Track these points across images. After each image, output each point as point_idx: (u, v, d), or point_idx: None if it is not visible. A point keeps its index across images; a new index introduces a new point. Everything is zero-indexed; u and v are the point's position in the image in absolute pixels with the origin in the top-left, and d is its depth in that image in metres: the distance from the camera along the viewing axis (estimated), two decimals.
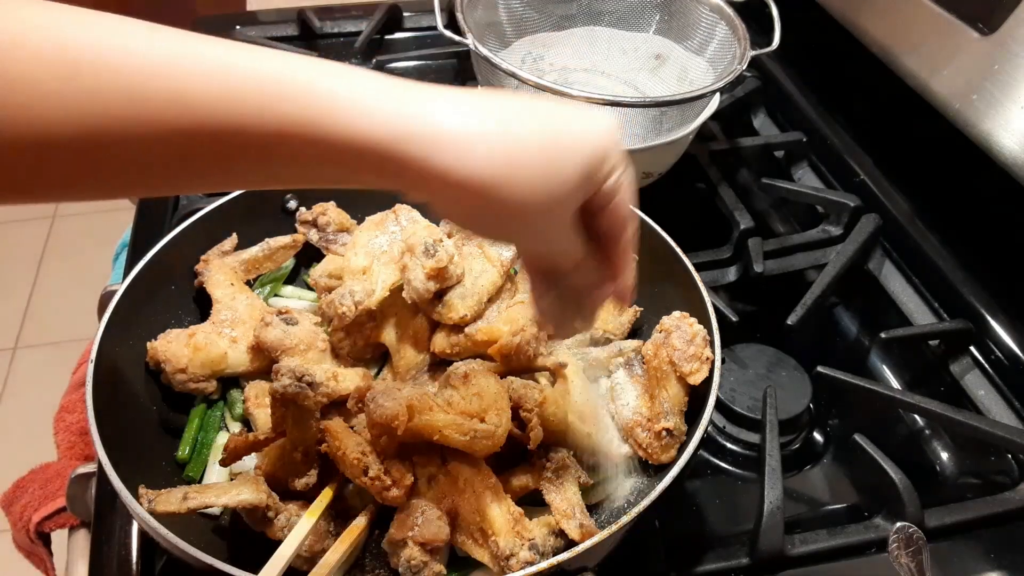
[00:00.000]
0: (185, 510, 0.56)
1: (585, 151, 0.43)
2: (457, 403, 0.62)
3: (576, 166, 0.43)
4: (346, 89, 0.40)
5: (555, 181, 0.42)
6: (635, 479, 0.68)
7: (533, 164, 0.42)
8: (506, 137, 0.41)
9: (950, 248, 0.90)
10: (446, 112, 0.41)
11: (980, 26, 0.84)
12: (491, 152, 0.41)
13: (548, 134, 0.42)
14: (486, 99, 0.42)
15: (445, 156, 0.40)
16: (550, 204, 0.43)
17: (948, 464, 0.77)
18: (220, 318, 0.71)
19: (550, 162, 0.42)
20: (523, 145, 0.42)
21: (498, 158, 0.41)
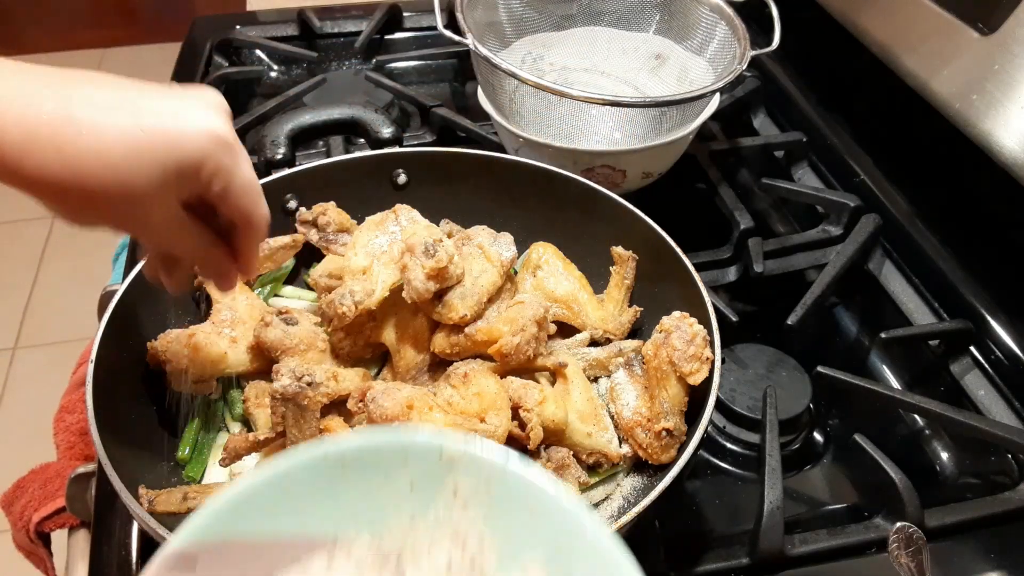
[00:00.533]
0: (185, 510, 0.57)
1: (176, 154, 0.45)
2: (457, 403, 0.62)
3: (160, 169, 0.45)
4: None
5: (139, 183, 0.44)
6: (635, 479, 0.68)
7: (127, 165, 0.43)
8: (102, 138, 0.43)
9: (950, 248, 0.90)
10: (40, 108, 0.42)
11: (980, 26, 0.84)
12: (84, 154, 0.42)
13: (144, 136, 0.44)
14: (79, 90, 0.43)
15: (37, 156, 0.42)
16: (135, 201, 0.45)
17: (948, 464, 0.77)
18: (220, 318, 0.71)
19: (135, 164, 0.44)
20: (116, 146, 0.43)
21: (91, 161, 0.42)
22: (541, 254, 0.79)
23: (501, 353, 0.66)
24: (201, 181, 0.47)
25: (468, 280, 0.69)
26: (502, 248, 0.73)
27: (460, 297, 0.68)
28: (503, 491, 0.38)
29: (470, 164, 0.83)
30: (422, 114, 1.12)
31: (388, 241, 0.73)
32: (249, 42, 1.29)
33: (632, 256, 0.76)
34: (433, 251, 0.66)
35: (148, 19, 3.47)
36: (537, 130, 0.94)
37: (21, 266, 2.48)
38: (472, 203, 0.83)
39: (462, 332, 0.68)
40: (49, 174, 0.42)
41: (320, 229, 0.79)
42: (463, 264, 0.70)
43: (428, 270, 0.66)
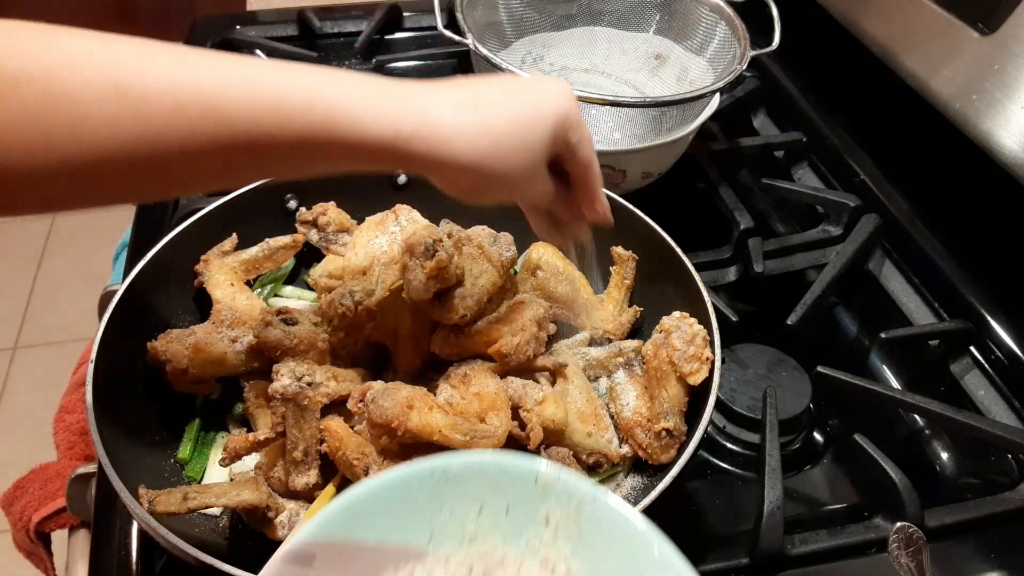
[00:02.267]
0: (185, 510, 0.56)
1: (548, 121, 0.53)
2: (457, 403, 0.62)
3: (543, 134, 0.52)
4: (356, 97, 0.48)
5: (528, 151, 0.52)
6: (635, 479, 0.68)
7: (510, 141, 0.51)
8: (488, 125, 0.50)
9: (950, 248, 0.90)
10: (440, 110, 0.49)
11: (980, 26, 0.84)
12: (477, 139, 0.50)
13: (519, 113, 0.52)
14: (468, 91, 0.51)
15: (441, 147, 0.49)
16: (526, 168, 0.53)
17: (948, 464, 0.77)
18: (220, 318, 0.71)
19: (523, 136, 0.52)
20: (501, 128, 0.51)
21: (482, 143, 0.50)
22: (541, 254, 0.79)
23: (501, 353, 0.66)
24: (565, 136, 0.54)
25: (468, 280, 0.69)
26: (502, 248, 0.73)
27: (460, 297, 0.68)
28: (592, 521, 0.40)
29: None
30: None
31: (388, 241, 0.73)
32: (249, 42, 1.29)
33: (632, 256, 0.76)
34: (433, 251, 0.66)
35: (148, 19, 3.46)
36: None
37: (21, 266, 2.48)
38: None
39: (462, 332, 0.68)
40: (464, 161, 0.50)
41: (320, 229, 0.79)
42: (463, 264, 0.70)
43: (428, 270, 0.66)
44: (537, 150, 0.53)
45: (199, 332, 0.70)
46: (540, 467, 0.40)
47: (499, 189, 0.54)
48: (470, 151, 0.50)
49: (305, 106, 0.46)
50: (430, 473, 0.40)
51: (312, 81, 0.47)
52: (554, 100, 0.54)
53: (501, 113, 0.51)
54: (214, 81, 0.44)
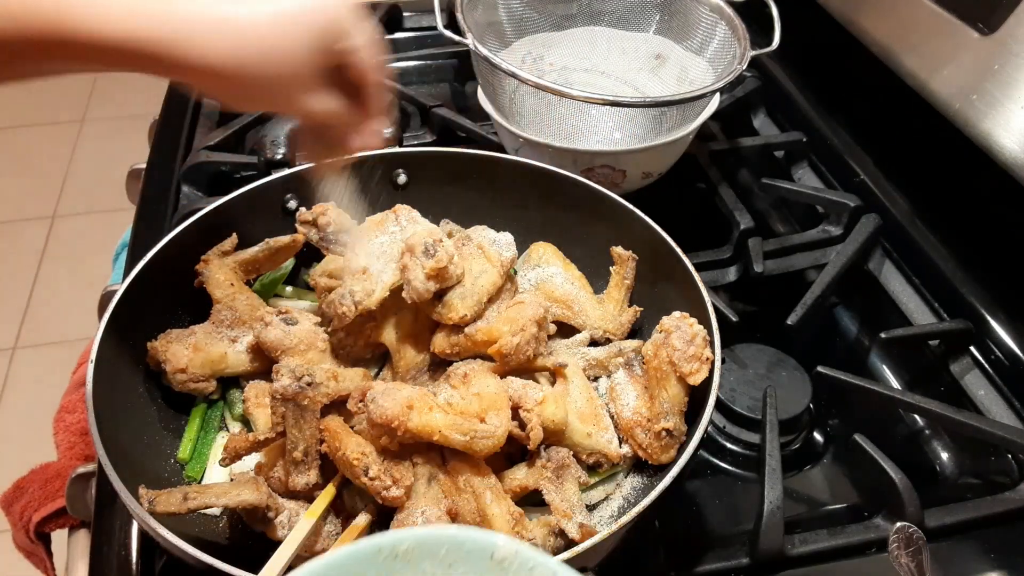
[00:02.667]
0: (185, 510, 0.56)
1: (316, 29, 0.51)
2: (457, 403, 0.62)
3: (311, 43, 0.51)
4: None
5: (296, 59, 0.50)
6: (635, 479, 0.68)
7: (271, 44, 0.49)
8: (244, 26, 0.49)
9: (950, 248, 0.90)
10: (188, 7, 0.47)
11: (980, 26, 0.84)
12: (229, 41, 0.48)
13: (287, 18, 0.50)
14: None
15: (188, 50, 0.47)
16: (293, 77, 0.51)
17: (948, 464, 0.77)
18: (220, 318, 0.71)
19: (291, 44, 0.50)
20: (260, 30, 0.49)
21: (237, 45, 0.48)
22: (541, 254, 0.79)
23: (501, 353, 0.66)
24: (340, 44, 0.52)
25: (468, 280, 0.69)
26: (502, 248, 0.73)
27: (460, 297, 0.68)
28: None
29: (470, 164, 0.83)
30: (422, 114, 1.12)
31: (388, 241, 0.73)
32: None
33: (632, 256, 0.76)
34: (433, 251, 0.66)
35: None
36: (537, 130, 0.94)
37: (21, 266, 2.48)
38: (472, 203, 0.83)
39: (462, 332, 0.68)
40: (218, 63, 0.48)
41: (320, 229, 0.79)
42: (463, 264, 0.70)
43: (428, 270, 0.66)
44: (301, 55, 0.51)
45: (199, 332, 0.70)
46: (497, 541, 0.38)
47: (261, 97, 0.52)
48: (224, 54, 0.48)
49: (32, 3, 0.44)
50: (377, 551, 0.38)
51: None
52: (328, 6, 0.52)
53: (260, 13, 0.49)
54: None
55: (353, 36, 0.53)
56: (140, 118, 1.38)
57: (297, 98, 0.53)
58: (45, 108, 3.04)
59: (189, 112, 1.15)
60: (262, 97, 0.52)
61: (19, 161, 2.81)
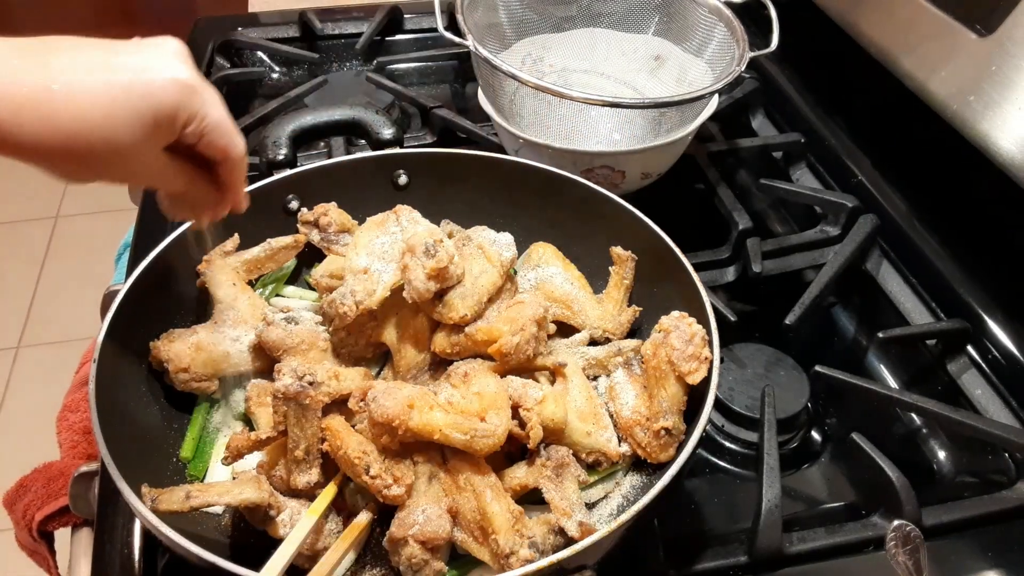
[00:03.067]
0: (187, 509, 0.57)
1: (150, 105, 0.49)
2: (457, 402, 0.62)
3: (144, 120, 0.49)
4: None
5: (128, 136, 0.48)
6: (634, 478, 0.69)
7: (106, 123, 0.47)
8: (83, 101, 0.46)
9: (947, 248, 0.90)
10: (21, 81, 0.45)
11: (978, 27, 0.84)
12: (67, 118, 0.46)
13: (119, 91, 0.48)
14: (54, 57, 0.47)
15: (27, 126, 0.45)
16: (127, 153, 0.49)
17: (945, 463, 0.77)
18: (222, 318, 0.72)
19: (123, 120, 0.48)
20: (95, 105, 0.47)
21: (74, 122, 0.46)
22: (541, 254, 0.80)
23: (501, 353, 0.66)
24: (176, 126, 0.51)
25: (468, 280, 0.70)
26: (502, 248, 0.73)
27: (460, 297, 0.69)
28: None
29: (470, 165, 0.83)
30: (423, 115, 1.13)
31: (389, 241, 0.73)
32: (251, 43, 1.29)
33: (631, 256, 0.76)
34: (434, 251, 0.67)
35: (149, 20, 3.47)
36: (537, 131, 0.94)
37: (24, 266, 2.49)
38: (472, 203, 0.83)
39: (462, 332, 0.69)
40: (42, 141, 0.46)
41: (321, 229, 0.80)
42: (463, 264, 0.70)
43: (429, 270, 0.66)
44: (133, 132, 0.49)
45: (201, 332, 0.70)
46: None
47: (97, 171, 0.50)
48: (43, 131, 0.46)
49: None
50: None
51: None
52: (161, 85, 0.49)
53: (91, 84, 0.47)
54: None
55: (194, 113, 0.51)
56: None
57: (136, 172, 0.52)
58: None
59: None
60: (98, 171, 0.50)
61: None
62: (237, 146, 0.56)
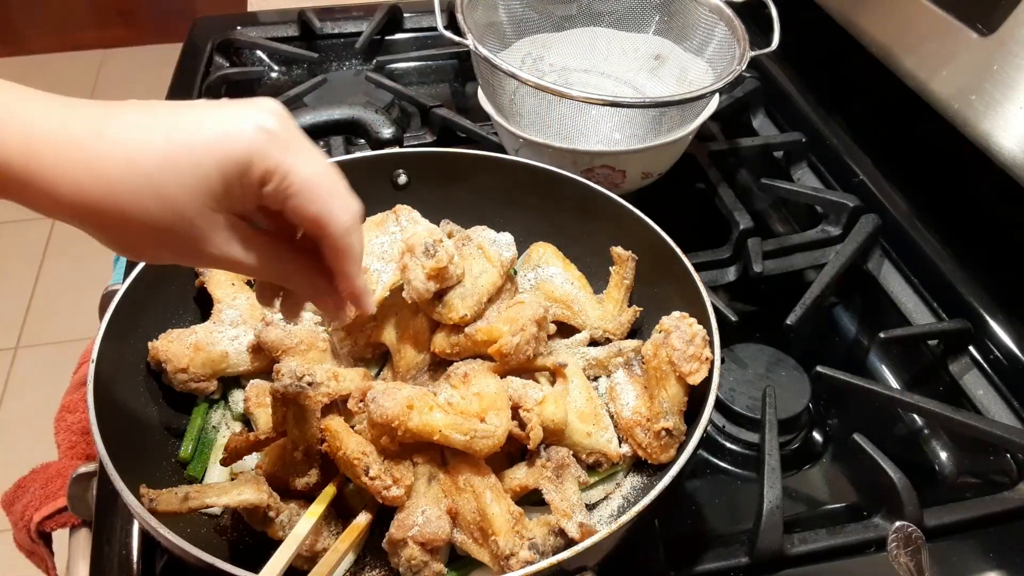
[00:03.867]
0: (186, 510, 0.57)
1: (213, 157, 0.40)
2: (457, 403, 0.62)
3: (198, 175, 0.40)
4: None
5: (175, 194, 0.40)
6: (635, 478, 0.68)
7: (164, 185, 0.40)
8: (114, 153, 0.39)
9: (949, 248, 0.90)
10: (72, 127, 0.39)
11: (979, 26, 0.84)
12: (93, 170, 0.39)
13: (180, 149, 0.40)
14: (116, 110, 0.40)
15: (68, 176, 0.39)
16: (179, 218, 0.41)
17: (947, 463, 0.77)
18: (221, 318, 0.72)
19: (169, 173, 0.40)
20: (151, 165, 0.40)
21: (125, 182, 0.39)
22: (541, 254, 0.79)
23: (501, 353, 0.66)
24: (250, 183, 0.42)
25: (468, 280, 0.70)
26: (502, 248, 0.73)
27: (460, 297, 0.68)
28: None
29: (470, 164, 0.83)
30: (422, 114, 1.12)
31: (388, 241, 0.73)
32: (250, 43, 1.29)
33: (632, 256, 0.76)
34: (433, 251, 0.66)
35: (149, 20, 3.47)
36: (537, 130, 0.94)
37: (23, 266, 2.48)
38: (472, 203, 0.83)
39: (462, 332, 0.68)
40: (85, 194, 0.39)
41: None
42: (463, 264, 0.70)
43: (428, 270, 0.66)
44: (196, 188, 0.40)
45: (200, 332, 0.70)
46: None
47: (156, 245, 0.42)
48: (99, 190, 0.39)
49: None
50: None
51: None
52: (231, 126, 0.41)
53: (144, 133, 0.40)
54: None
55: (274, 167, 0.42)
56: None
57: (202, 243, 0.43)
58: None
59: None
60: (155, 239, 0.42)
61: None
62: (335, 216, 0.44)
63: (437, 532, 0.58)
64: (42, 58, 3.33)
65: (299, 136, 0.43)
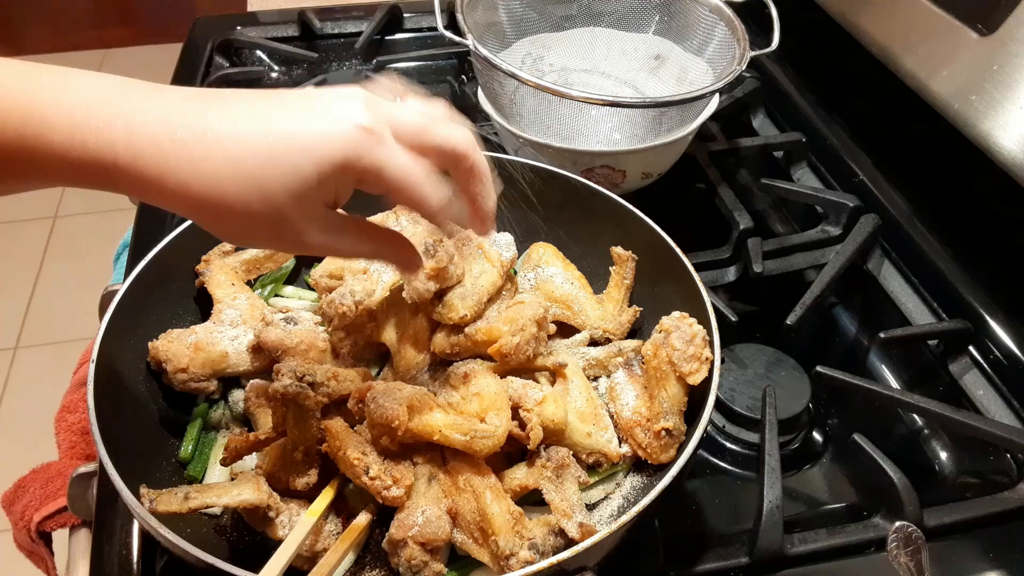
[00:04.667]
0: (186, 510, 0.57)
1: (311, 161, 0.43)
2: (457, 403, 0.62)
3: (298, 176, 0.43)
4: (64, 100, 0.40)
5: (277, 192, 0.42)
6: (635, 479, 0.68)
7: (263, 175, 0.42)
8: (222, 148, 0.42)
9: (949, 248, 0.90)
10: (159, 124, 0.41)
11: (979, 26, 0.84)
12: (202, 165, 0.41)
13: (270, 136, 0.42)
14: (214, 105, 0.43)
15: (168, 173, 0.41)
16: (281, 208, 0.43)
17: (947, 463, 0.77)
18: (221, 318, 0.72)
19: (271, 173, 0.42)
20: (240, 153, 0.42)
21: (212, 170, 0.41)
22: (541, 254, 0.79)
23: (501, 353, 0.66)
24: (348, 181, 0.45)
25: (468, 280, 0.70)
26: (502, 248, 0.73)
27: (460, 297, 0.68)
28: None
29: None
30: None
31: None
32: (250, 43, 1.29)
33: (632, 256, 0.76)
34: (433, 251, 0.66)
35: (149, 20, 3.47)
36: (537, 130, 0.94)
37: (23, 266, 2.48)
38: None
39: (462, 332, 0.68)
40: (192, 191, 0.42)
41: None
42: (463, 264, 0.70)
43: (428, 270, 0.66)
44: (294, 187, 0.43)
45: (200, 332, 0.70)
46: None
47: (250, 231, 0.45)
48: (191, 179, 0.41)
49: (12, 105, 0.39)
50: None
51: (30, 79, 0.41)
52: (327, 126, 0.43)
53: (245, 134, 0.42)
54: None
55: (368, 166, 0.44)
56: None
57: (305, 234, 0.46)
58: None
59: None
60: (261, 231, 0.45)
61: None
62: (426, 202, 0.48)
63: (437, 532, 0.58)
64: (42, 58, 3.33)
65: (387, 128, 0.45)
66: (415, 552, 0.57)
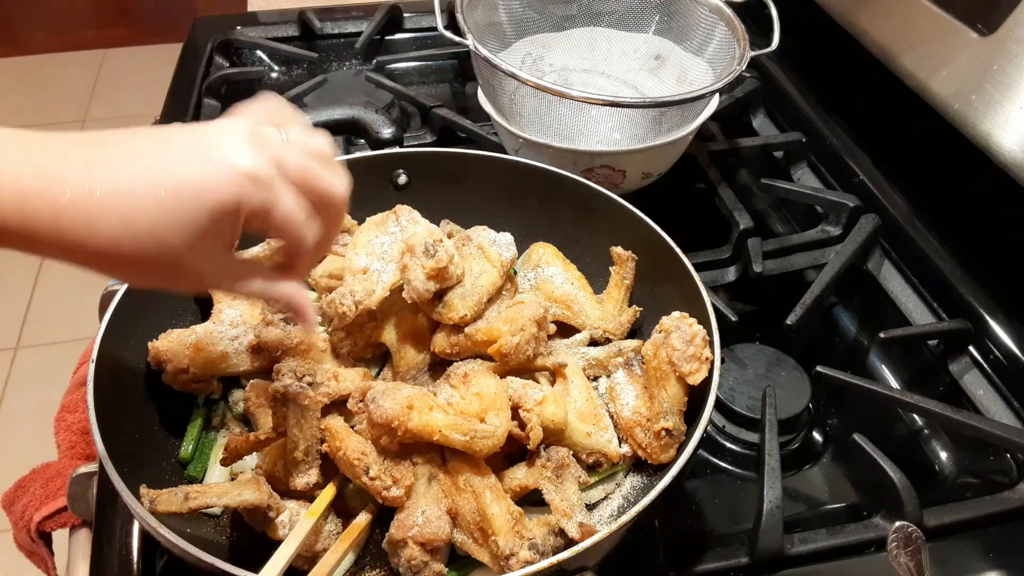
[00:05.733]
0: (186, 510, 0.57)
1: (205, 208, 0.44)
2: (457, 403, 0.62)
3: (192, 225, 0.44)
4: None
5: (174, 242, 0.44)
6: (635, 479, 0.68)
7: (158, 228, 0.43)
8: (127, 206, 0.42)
9: (949, 248, 0.90)
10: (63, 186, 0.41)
11: (979, 26, 0.84)
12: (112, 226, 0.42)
13: (168, 195, 0.43)
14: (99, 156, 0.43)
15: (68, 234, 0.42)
16: (177, 261, 0.45)
17: (947, 464, 0.77)
18: (221, 318, 0.72)
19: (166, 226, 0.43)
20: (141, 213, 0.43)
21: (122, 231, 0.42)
22: (541, 254, 0.79)
23: (501, 353, 0.66)
24: (238, 222, 0.47)
25: (468, 280, 0.70)
26: (502, 248, 0.73)
27: (460, 297, 0.68)
28: None
29: (470, 164, 0.83)
30: (422, 114, 1.12)
31: (389, 241, 0.73)
32: (250, 43, 1.29)
33: (631, 256, 0.76)
34: (433, 251, 0.66)
35: (149, 20, 3.47)
36: (537, 130, 0.94)
37: (22, 266, 2.48)
38: (472, 203, 0.83)
39: (462, 332, 0.68)
40: (88, 248, 0.43)
41: None
42: (463, 264, 0.70)
43: (428, 270, 0.66)
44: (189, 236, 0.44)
45: (200, 332, 0.70)
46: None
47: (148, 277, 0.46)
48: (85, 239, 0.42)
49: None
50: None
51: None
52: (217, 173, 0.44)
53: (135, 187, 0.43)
54: None
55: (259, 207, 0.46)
56: (141, 118, 1.38)
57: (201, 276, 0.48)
58: (46, 108, 3.04)
59: (190, 113, 1.15)
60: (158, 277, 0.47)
61: None
62: (308, 242, 0.51)
63: (437, 532, 0.58)
64: (42, 58, 3.33)
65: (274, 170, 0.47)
66: (415, 552, 0.57)
